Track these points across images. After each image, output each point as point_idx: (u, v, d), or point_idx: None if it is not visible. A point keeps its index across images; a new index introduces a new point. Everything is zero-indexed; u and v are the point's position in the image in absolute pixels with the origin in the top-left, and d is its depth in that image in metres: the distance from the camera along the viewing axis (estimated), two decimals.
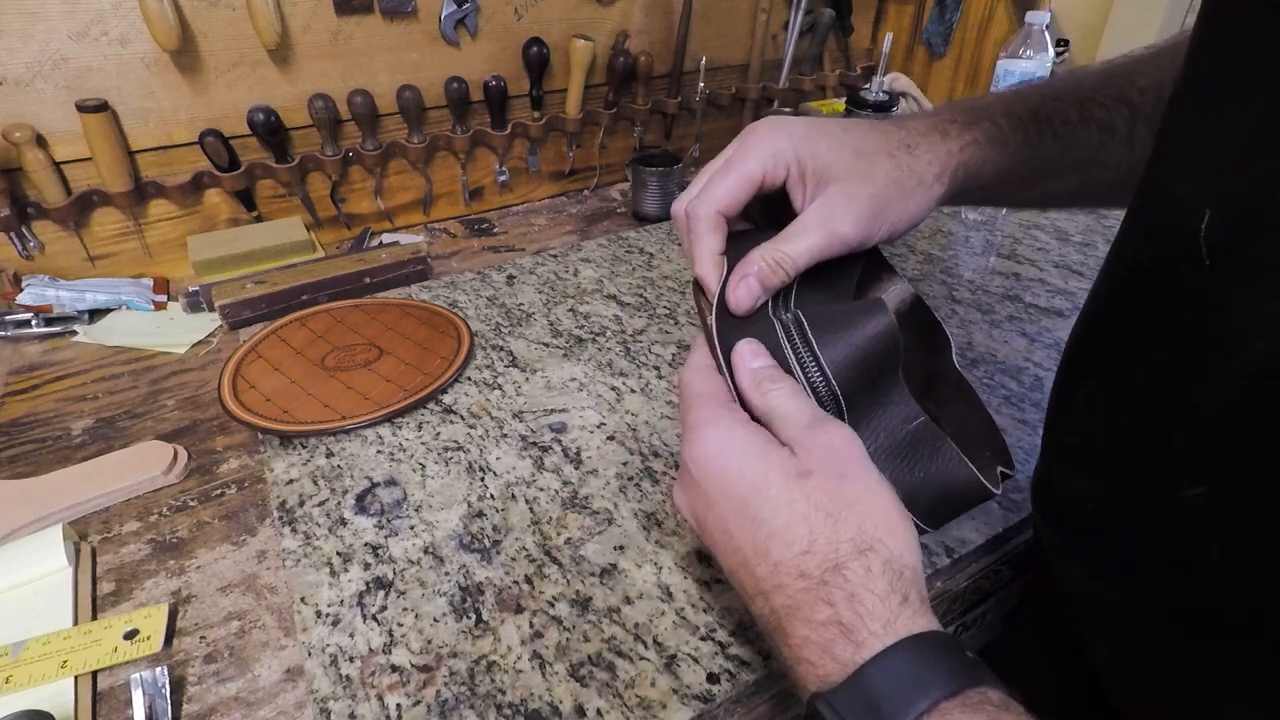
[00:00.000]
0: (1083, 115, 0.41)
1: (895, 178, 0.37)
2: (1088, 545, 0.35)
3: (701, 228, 0.38)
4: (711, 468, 0.32)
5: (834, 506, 0.29)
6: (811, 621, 0.28)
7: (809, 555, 0.29)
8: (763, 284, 0.36)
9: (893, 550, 0.29)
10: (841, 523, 0.29)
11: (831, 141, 0.38)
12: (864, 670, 0.26)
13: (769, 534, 0.30)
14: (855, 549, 0.29)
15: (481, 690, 0.38)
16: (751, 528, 0.30)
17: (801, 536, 0.29)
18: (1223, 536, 0.26)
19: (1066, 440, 0.37)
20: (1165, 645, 0.31)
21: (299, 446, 0.54)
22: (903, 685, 0.25)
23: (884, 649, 0.26)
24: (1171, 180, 0.29)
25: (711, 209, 0.38)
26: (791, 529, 0.29)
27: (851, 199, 0.36)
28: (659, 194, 0.90)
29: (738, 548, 0.31)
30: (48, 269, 0.73)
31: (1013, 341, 0.66)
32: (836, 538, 0.29)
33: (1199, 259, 0.26)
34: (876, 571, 0.28)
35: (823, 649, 0.27)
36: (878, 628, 0.27)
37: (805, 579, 0.29)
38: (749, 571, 0.31)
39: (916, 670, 0.26)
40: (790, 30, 1.01)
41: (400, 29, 0.79)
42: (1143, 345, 0.30)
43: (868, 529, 0.29)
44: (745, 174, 0.38)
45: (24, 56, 0.65)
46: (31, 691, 0.38)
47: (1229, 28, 0.26)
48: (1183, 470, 0.28)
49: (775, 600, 0.29)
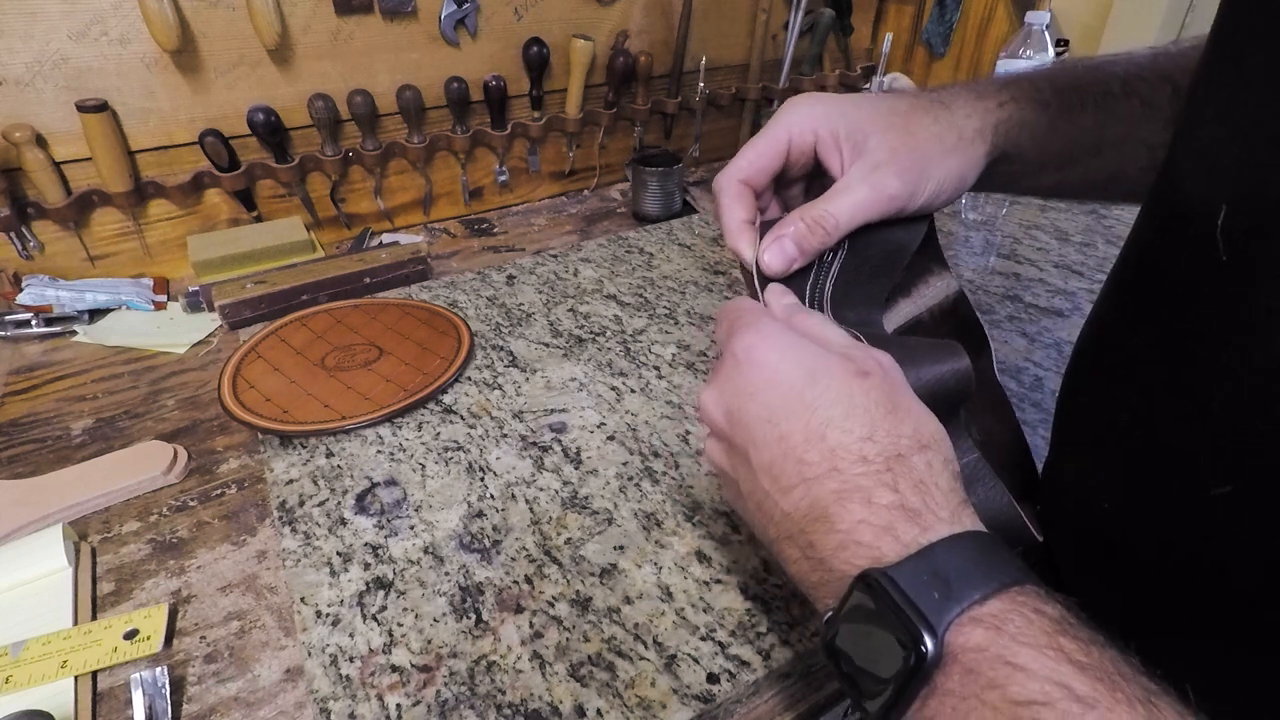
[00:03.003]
0: (1125, 89, 0.39)
1: (935, 131, 0.36)
2: (1097, 544, 0.35)
3: (725, 198, 0.38)
4: (765, 358, 0.30)
5: (891, 405, 0.29)
6: (872, 504, 0.27)
7: (870, 442, 0.28)
8: (799, 245, 0.35)
9: (948, 454, 0.29)
10: (901, 419, 0.28)
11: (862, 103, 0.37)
12: (933, 548, 0.25)
13: (826, 419, 0.28)
14: (917, 444, 0.28)
15: (481, 690, 0.38)
16: (805, 412, 0.29)
17: (862, 424, 0.28)
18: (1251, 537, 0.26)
19: (1079, 439, 0.37)
20: (1171, 649, 0.31)
21: (299, 446, 0.54)
22: (974, 566, 0.24)
23: (953, 534, 0.25)
24: (1187, 176, 0.29)
25: (734, 179, 0.38)
26: (852, 416, 0.28)
27: (894, 152, 0.35)
28: (659, 194, 0.90)
29: (783, 435, 0.29)
30: (48, 269, 0.73)
31: (1013, 341, 0.66)
32: (898, 431, 0.28)
33: (1215, 254, 0.26)
34: (938, 467, 0.28)
35: (883, 529, 0.26)
36: (944, 514, 0.26)
37: (867, 464, 0.27)
38: (795, 458, 0.29)
39: (986, 557, 0.25)
40: (790, 30, 1.01)
41: (400, 29, 0.79)
42: (1154, 342, 0.30)
43: (924, 430, 0.29)
44: (770, 141, 0.37)
45: (24, 56, 0.65)
46: (31, 691, 0.38)
47: (1246, 23, 0.26)
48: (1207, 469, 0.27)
49: (825, 486, 0.28)
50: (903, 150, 0.35)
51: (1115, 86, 0.39)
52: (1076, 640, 0.22)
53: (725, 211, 0.38)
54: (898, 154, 0.35)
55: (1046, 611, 0.23)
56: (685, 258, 0.81)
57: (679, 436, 0.55)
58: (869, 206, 0.35)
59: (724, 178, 0.38)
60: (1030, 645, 0.22)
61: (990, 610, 0.23)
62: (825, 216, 0.35)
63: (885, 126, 0.36)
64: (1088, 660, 0.21)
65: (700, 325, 0.68)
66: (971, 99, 0.38)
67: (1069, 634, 0.22)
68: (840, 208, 0.35)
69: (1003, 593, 0.23)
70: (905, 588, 0.24)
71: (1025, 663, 0.21)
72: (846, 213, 0.35)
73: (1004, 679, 0.21)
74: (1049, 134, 0.39)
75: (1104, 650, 0.22)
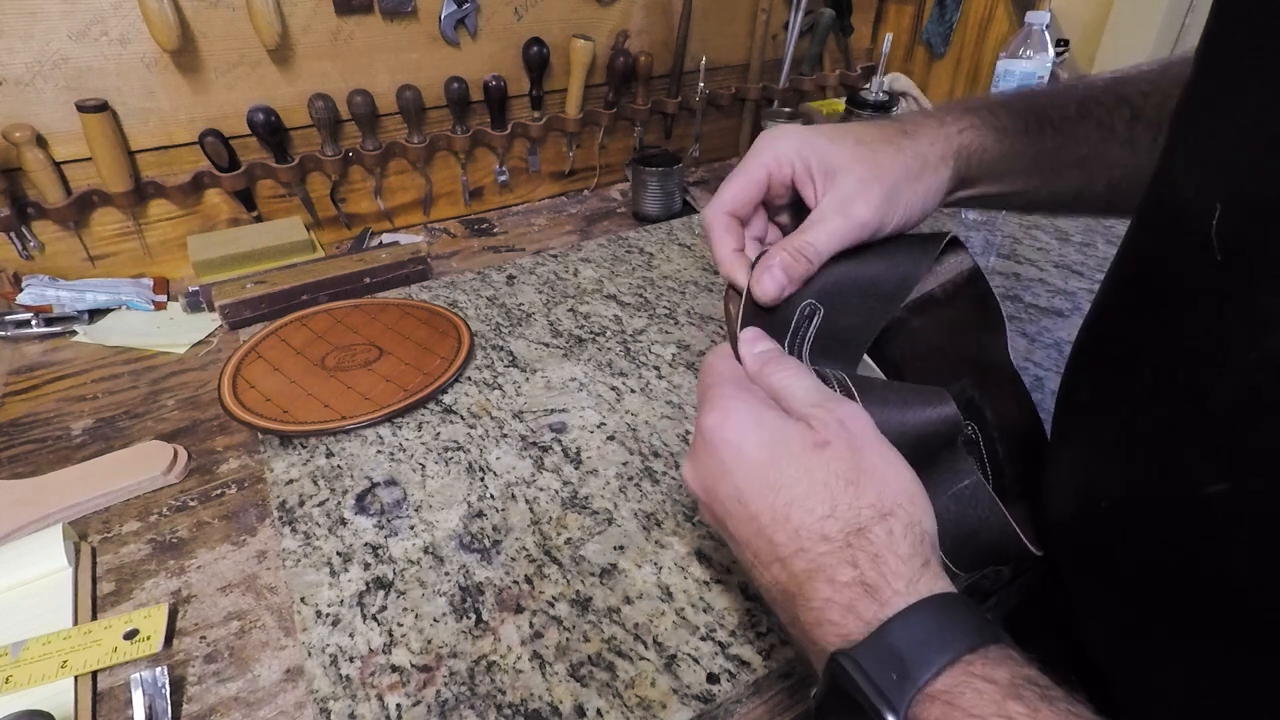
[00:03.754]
0: (1081, 113, 0.42)
1: (900, 160, 0.39)
2: (1096, 544, 0.35)
3: (715, 231, 0.40)
4: (729, 437, 0.32)
5: (853, 474, 0.30)
6: (835, 582, 0.28)
7: (831, 519, 0.29)
8: (786, 273, 0.37)
9: (912, 515, 0.29)
10: (862, 489, 0.29)
11: (832, 134, 0.40)
12: (888, 626, 0.26)
13: (789, 500, 0.30)
14: (877, 513, 0.29)
15: (481, 690, 0.38)
16: (770, 495, 0.30)
17: (823, 502, 0.29)
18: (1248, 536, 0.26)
19: (1077, 437, 0.37)
20: (1171, 649, 0.31)
21: (299, 446, 0.54)
22: (927, 639, 0.26)
23: (907, 605, 0.27)
24: (1182, 176, 0.29)
25: (720, 211, 0.40)
26: (812, 495, 0.30)
27: (863, 183, 0.38)
28: (659, 194, 0.90)
29: (753, 515, 0.31)
30: (48, 269, 0.73)
31: (1013, 341, 0.66)
32: (858, 503, 0.29)
33: (1210, 255, 0.26)
34: (899, 534, 0.28)
35: (846, 608, 0.28)
36: (901, 586, 0.27)
37: (828, 542, 0.29)
38: (765, 539, 0.30)
39: (940, 625, 0.26)
40: (790, 30, 1.01)
41: (400, 29, 0.79)
42: (1151, 341, 0.30)
43: (887, 495, 0.29)
44: (750, 175, 0.40)
45: (24, 56, 0.65)
46: (31, 691, 0.38)
47: (1240, 21, 0.26)
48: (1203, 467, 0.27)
49: (795, 565, 0.29)
50: (872, 181, 0.38)
51: (1071, 111, 0.42)
52: (1024, 702, 0.24)
53: (717, 244, 0.40)
54: (867, 185, 0.38)
55: (996, 678, 0.25)
56: (685, 258, 0.81)
57: (679, 436, 0.55)
58: (843, 234, 0.38)
59: (710, 212, 0.41)
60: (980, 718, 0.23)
61: (943, 686, 0.25)
62: (806, 246, 0.37)
63: (854, 159, 0.38)
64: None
65: (700, 325, 0.68)
66: (934, 126, 0.41)
67: (1017, 697, 0.24)
68: (818, 237, 0.38)
69: (955, 664, 0.25)
70: (868, 670, 0.25)
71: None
72: (824, 241, 0.38)
73: None
74: (1009, 157, 0.42)
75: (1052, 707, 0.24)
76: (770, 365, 0.35)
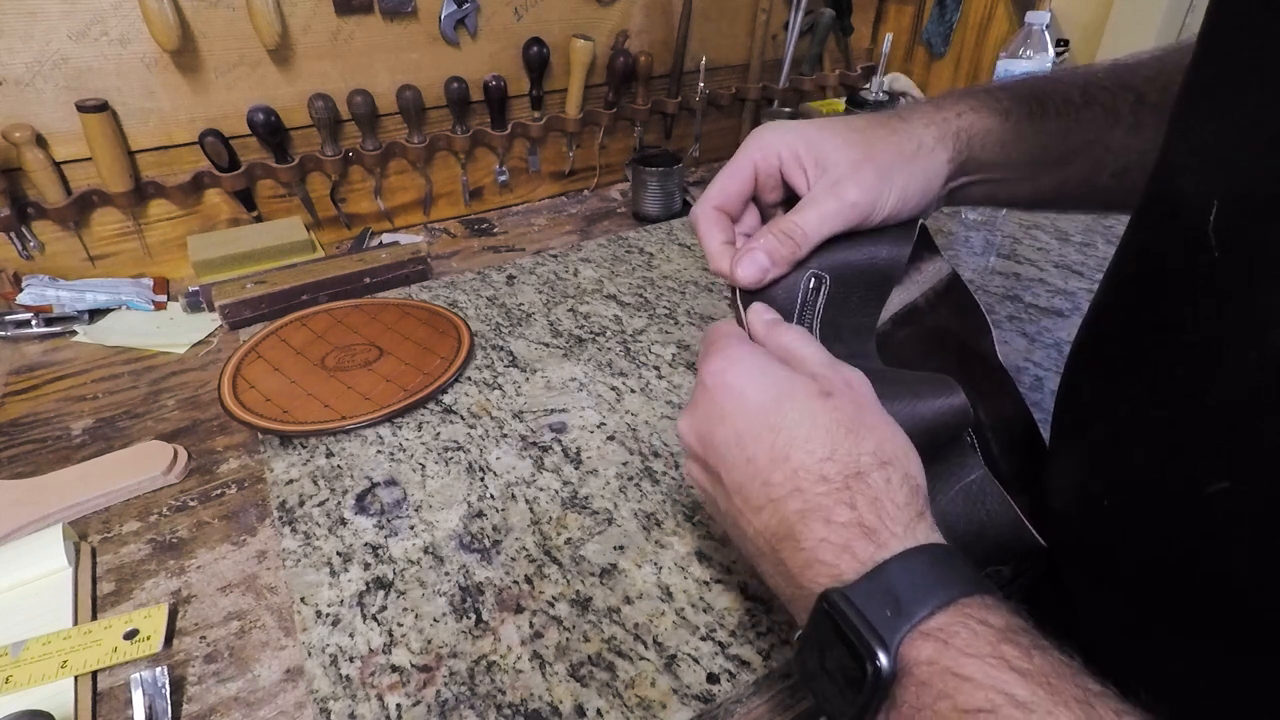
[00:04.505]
0: (1085, 98, 0.41)
1: (893, 142, 0.38)
2: (1097, 543, 0.35)
3: (703, 224, 0.40)
4: (732, 381, 0.32)
5: (854, 424, 0.30)
6: (831, 523, 0.28)
7: (830, 461, 0.29)
8: (770, 256, 0.37)
9: (908, 469, 0.30)
10: (861, 438, 0.30)
11: (823, 124, 0.39)
12: (886, 565, 0.26)
13: (789, 441, 0.30)
14: (876, 461, 0.29)
15: (481, 690, 0.38)
16: (769, 435, 0.30)
17: (823, 445, 0.29)
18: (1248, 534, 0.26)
19: (1077, 436, 0.37)
20: (1171, 649, 0.31)
21: (299, 446, 0.54)
22: (924, 581, 0.26)
23: (905, 549, 0.27)
24: (1180, 172, 0.29)
25: (708, 206, 0.40)
26: (814, 438, 0.30)
27: (854, 165, 0.37)
28: (659, 194, 0.90)
29: (750, 457, 0.31)
30: (48, 269, 0.73)
31: (1013, 341, 0.66)
32: (858, 449, 0.29)
33: (1208, 253, 0.26)
34: (896, 483, 0.29)
35: (841, 548, 0.28)
36: (899, 530, 0.27)
37: (827, 483, 0.29)
38: (761, 480, 0.30)
39: (937, 571, 0.26)
40: (790, 30, 1.01)
41: (400, 29, 0.79)
42: (1150, 339, 0.30)
43: (886, 447, 0.30)
44: (737, 169, 0.40)
45: (24, 56, 0.65)
46: (31, 691, 0.38)
47: (1238, 19, 0.26)
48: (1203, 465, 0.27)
49: (789, 506, 0.29)
50: (863, 163, 0.37)
51: (1075, 95, 0.41)
52: (1018, 647, 0.23)
53: (705, 237, 0.40)
54: (859, 166, 0.37)
55: (991, 621, 0.24)
56: (685, 258, 0.81)
57: (679, 437, 0.55)
58: (834, 216, 0.37)
59: (698, 208, 0.41)
60: (975, 656, 0.23)
61: (938, 624, 0.24)
62: (794, 228, 0.37)
63: (844, 144, 0.38)
64: (1029, 666, 0.23)
65: (700, 325, 0.68)
66: (929, 111, 0.40)
67: (1011, 641, 0.24)
68: (806, 219, 0.37)
69: (949, 606, 0.25)
70: (860, 606, 0.25)
71: (971, 673, 0.23)
72: (813, 223, 0.37)
73: (952, 689, 0.23)
74: (1013, 141, 0.41)
75: (1045, 655, 0.24)
76: (777, 329, 0.35)
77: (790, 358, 0.33)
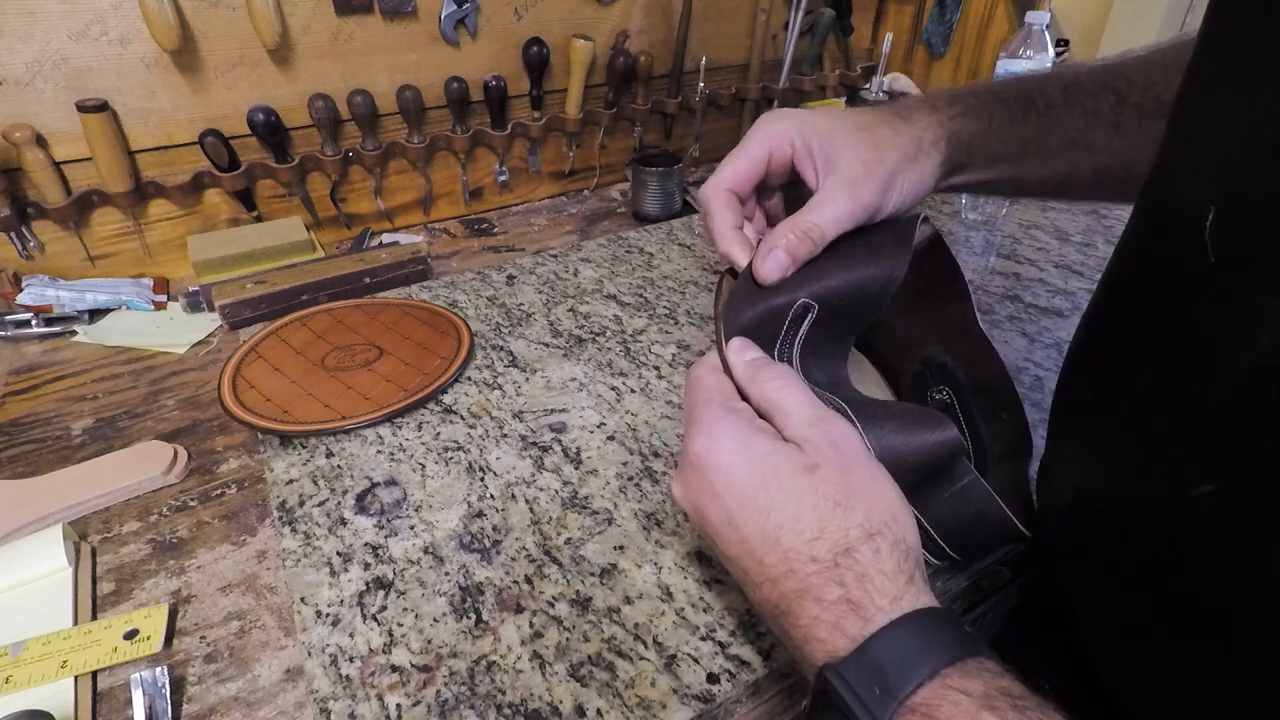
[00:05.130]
0: (1066, 99, 0.43)
1: (898, 144, 0.40)
2: (1094, 544, 0.35)
3: (714, 206, 0.41)
4: (717, 462, 0.33)
5: (841, 496, 0.31)
6: (823, 601, 0.29)
7: (819, 541, 0.30)
8: (791, 255, 0.37)
9: (897, 533, 0.30)
10: (850, 510, 0.30)
11: (830, 117, 0.40)
12: (870, 642, 0.27)
13: (778, 524, 0.31)
14: (864, 533, 0.30)
15: (481, 690, 0.38)
16: (759, 518, 0.31)
17: (812, 525, 0.30)
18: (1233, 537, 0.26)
19: (1073, 437, 0.37)
20: (1170, 649, 0.31)
21: (299, 446, 0.54)
22: (906, 655, 0.27)
23: (889, 622, 0.28)
24: (1176, 177, 0.29)
25: (721, 188, 0.41)
26: (802, 519, 0.30)
27: (866, 165, 0.38)
28: (659, 194, 0.90)
29: (744, 538, 0.32)
30: (48, 269, 0.73)
31: (1013, 341, 0.66)
32: (846, 524, 0.30)
33: (1204, 256, 0.26)
34: (885, 552, 0.30)
35: (833, 626, 0.29)
36: (885, 603, 0.28)
37: (817, 563, 0.30)
38: (756, 560, 0.31)
39: (919, 641, 0.27)
40: (790, 30, 1.01)
41: (400, 29, 0.79)
42: (1147, 341, 0.30)
43: (874, 514, 0.30)
44: (749, 153, 0.40)
45: (24, 56, 0.65)
46: (31, 691, 0.38)
47: (1235, 25, 0.26)
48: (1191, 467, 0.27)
49: (785, 585, 0.30)
50: (874, 163, 0.39)
51: (1057, 97, 0.43)
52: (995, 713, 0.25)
53: (715, 218, 0.41)
54: (870, 167, 0.38)
55: (970, 690, 0.26)
56: (685, 258, 0.81)
57: (679, 437, 0.55)
58: (848, 216, 0.38)
59: (710, 188, 0.41)
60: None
61: (922, 699, 0.26)
62: (813, 228, 0.38)
63: (854, 141, 0.39)
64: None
65: (700, 325, 0.68)
66: (927, 112, 0.42)
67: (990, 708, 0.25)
68: (824, 218, 0.38)
69: (933, 679, 0.26)
70: (852, 683, 0.27)
71: None
72: (830, 223, 0.38)
73: None
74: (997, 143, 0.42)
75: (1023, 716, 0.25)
76: (761, 374, 0.35)
77: (774, 411, 0.34)
